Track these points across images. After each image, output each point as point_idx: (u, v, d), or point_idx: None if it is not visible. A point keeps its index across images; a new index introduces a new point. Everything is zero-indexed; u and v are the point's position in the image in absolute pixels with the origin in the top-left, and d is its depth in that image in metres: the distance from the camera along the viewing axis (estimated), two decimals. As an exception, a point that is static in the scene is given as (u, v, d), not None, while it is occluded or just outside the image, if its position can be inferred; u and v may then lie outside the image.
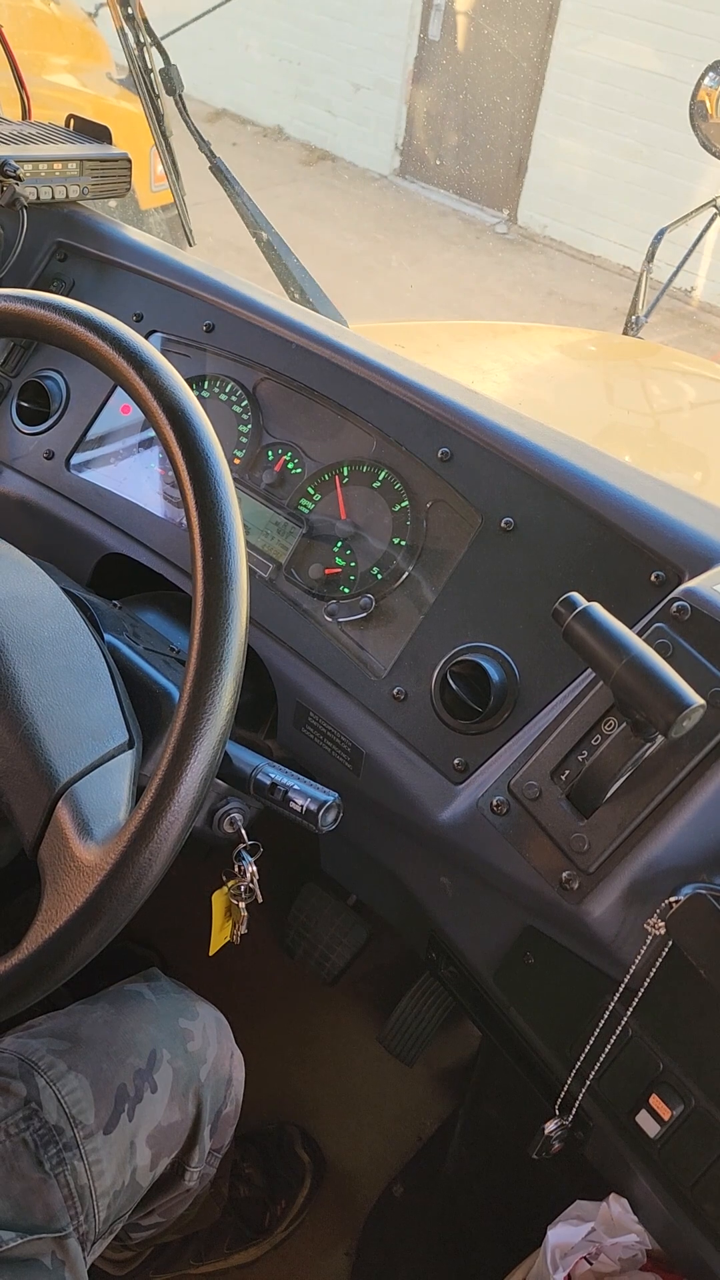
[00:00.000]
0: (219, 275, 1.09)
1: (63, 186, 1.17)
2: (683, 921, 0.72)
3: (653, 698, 0.66)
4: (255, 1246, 1.30)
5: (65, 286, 1.16)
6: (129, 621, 0.92)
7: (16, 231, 1.14)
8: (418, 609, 0.92)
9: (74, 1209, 0.81)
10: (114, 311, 0.77)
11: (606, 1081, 0.82)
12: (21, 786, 0.69)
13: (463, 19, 6.61)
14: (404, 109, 7.00)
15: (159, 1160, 0.92)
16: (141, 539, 1.05)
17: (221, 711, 0.65)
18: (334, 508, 0.98)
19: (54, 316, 0.74)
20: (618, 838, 0.75)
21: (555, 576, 0.86)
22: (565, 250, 6.53)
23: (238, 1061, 1.04)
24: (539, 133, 6.48)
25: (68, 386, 1.12)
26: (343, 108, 7.22)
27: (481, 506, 0.90)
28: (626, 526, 0.85)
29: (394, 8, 6.70)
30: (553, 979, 0.87)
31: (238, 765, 0.82)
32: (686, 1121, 0.77)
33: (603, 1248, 0.87)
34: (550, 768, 0.79)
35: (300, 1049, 1.52)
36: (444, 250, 6.30)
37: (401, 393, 0.96)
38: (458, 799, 0.85)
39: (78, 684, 0.75)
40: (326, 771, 0.95)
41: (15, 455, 1.13)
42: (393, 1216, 1.36)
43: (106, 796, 0.70)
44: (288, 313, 1.04)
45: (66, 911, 0.65)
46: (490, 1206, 1.29)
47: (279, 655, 0.96)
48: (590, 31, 6.00)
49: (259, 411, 1.04)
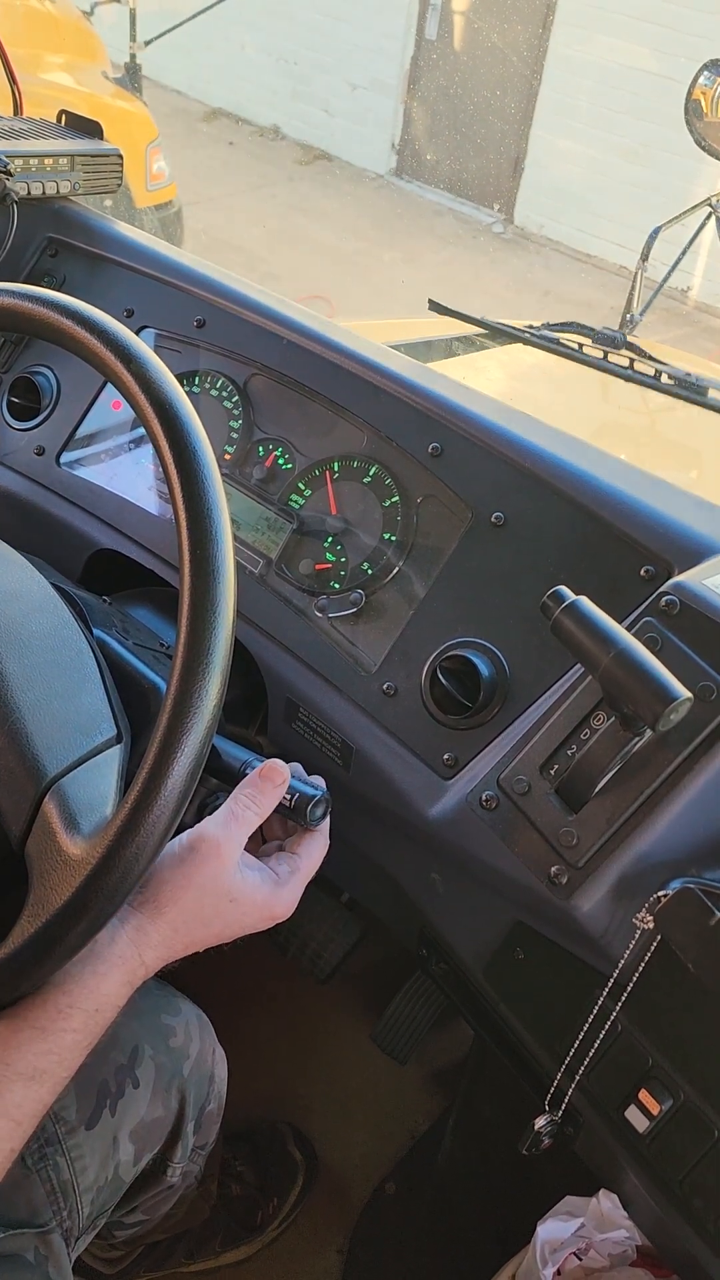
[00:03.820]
0: (210, 270, 1.09)
1: (54, 182, 1.17)
2: (671, 916, 0.72)
3: (640, 691, 0.66)
4: (247, 1245, 1.29)
5: (56, 281, 1.16)
6: (118, 617, 0.92)
7: (7, 227, 1.14)
8: (408, 604, 0.92)
9: (56, 1204, 0.81)
10: (105, 306, 0.77)
11: (596, 1077, 0.82)
12: (8, 781, 0.69)
13: (460, 19, 6.62)
14: (401, 108, 7.01)
15: (141, 1155, 0.91)
16: (132, 535, 1.05)
17: (208, 705, 0.64)
18: (325, 503, 0.98)
19: (42, 310, 0.74)
20: (606, 832, 0.75)
21: (545, 571, 0.86)
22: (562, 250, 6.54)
23: (220, 1058, 1.04)
24: (535, 132, 6.49)
25: (59, 382, 1.12)
26: (340, 107, 7.22)
27: (472, 502, 0.90)
28: (617, 521, 0.85)
29: (391, 7, 6.71)
30: (542, 974, 0.87)
31: (227, 760, 0.82)
32: (675, 1117, 0.77)
33: (593, 1243, 0.87)
34: (539, 762, 0.79)
35: (293, 1047, 1.52)
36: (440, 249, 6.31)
37: (392, 388, 0.96)
38: (447, 794, 0.85)
39: (66, 679, 0.75)
40: (317, 767, 0.95)
41: (5, 451, 1.13)
42: (385, 1214, 1.36)
43: (94, 791, 0.70)
44: (278, 308, 1.04)
45: (53, 906, 0.64)
46: (482, 1203, 1.29)
47: (269, 651, 0.96)
48: (587, 31, 6.01)
49: (250, 407, 1.04)
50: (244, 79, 7.49)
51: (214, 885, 0.70)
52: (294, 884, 0.76)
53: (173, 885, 0.69)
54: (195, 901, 0.70)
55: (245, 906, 0.72)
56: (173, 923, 0.69)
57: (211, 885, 0.70)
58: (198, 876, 0.70)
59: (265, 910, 0.73)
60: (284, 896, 0.74)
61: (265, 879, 0.74)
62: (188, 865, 0.70)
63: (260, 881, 0.73)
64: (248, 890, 0.72)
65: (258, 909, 0.73)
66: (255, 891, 0.72)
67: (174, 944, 0.70)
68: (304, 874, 0.77)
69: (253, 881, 0.73)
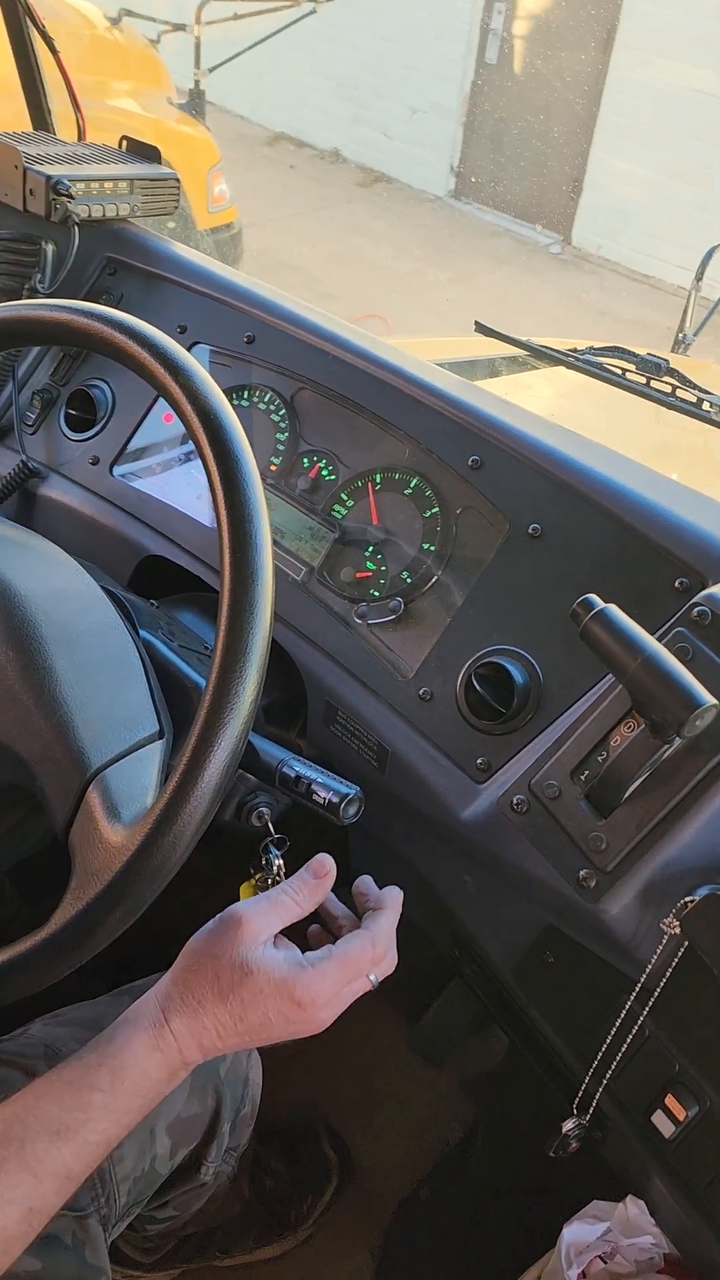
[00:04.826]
0: (260, 288, 1.13)
1: (113, 204, 1.22)
2: (697, 921, 0.73)
3: (667, 697, 0.68)
4: (280, 1242, 1.31)
5: (114, 299, 1.21)
6: (165, 620, 0.95)
7: (69, 247, 1.19)
8: (445, 612, 0.94)
9: (95, 1191, 0.84)
10: (159, 323, 0.80)
11: (623, 1081, 0.83)
12: (55, 772, 0.72)
13: (520, 43, 6.67)
14: (459, 131, 7.07)
15: (177, 1150, 0.94)
16: (180, 542, 1.08)
17: (246, 700, 0.67)
18: (366, 513, 1.01)
19: (96, 325, 0.77)
20: (635, 837, 0.76)
21: (581, 581, 0.88)
22: (619, 271, 6.53)
23: (255, 1063, 1.06)
24: (594, 154, 6.51)
25: (114, 395, 1.16)
26: (399, 131, 7.31)
27: (509, 513, 0.92)
28: (651, 533, 0.86)
29: (451, 32, 6.79)
30: (572, 978, 0.88)
31: (265, 758, 0.84)
32: (701, 1122, 0.78)
33: (619, 1248, 0.87)
34: (570, 768, 0.80)
35: (329, 1049, 1.53)
36: (496, 270, 6.34)
37: (434, 402, 0.98)
38: (480, 798, 0.87)
39: (112, 676, 0.78)
40: (353, 769, 0.97)
41: (62, 461, 1.17)
42: (417, 1217, 1.36)
43: (135, 783, 0.73)
44: (326, 325, 1.07)
45: (93, 889, 0.67)
46: (513, 1209, 1.29)
47: (310, 655, 0.99)
48: (647, 54, 6.03)
49: (296, 420, 1.07)
50: (305, 103, 7.61)
51: (231, 954, 0.69)
52: (323, 969, 0.70)
53: (195, 954, 0.71)
54: (213, 970, 0.69)
55: (260, 983, 0.69)
56: (195, 990, 0.69)
57: (229, 954, 0.69)
58: (218, 946, 0.70)
59: (285, 991, 0.69)
60: (306, 979, 0.69)
61: (289, 959, 0.70)
62: (212, 935, 0.71)
63: (282, 959, 0.70)
64: (265, 965, 0.69)
65: (274, 987, 0.69)
66: (274, 969, 0.69)
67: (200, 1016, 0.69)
68: (337, 961, 0.71)
69: (273, 957, 0.70)
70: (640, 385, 1.36)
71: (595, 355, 1.40)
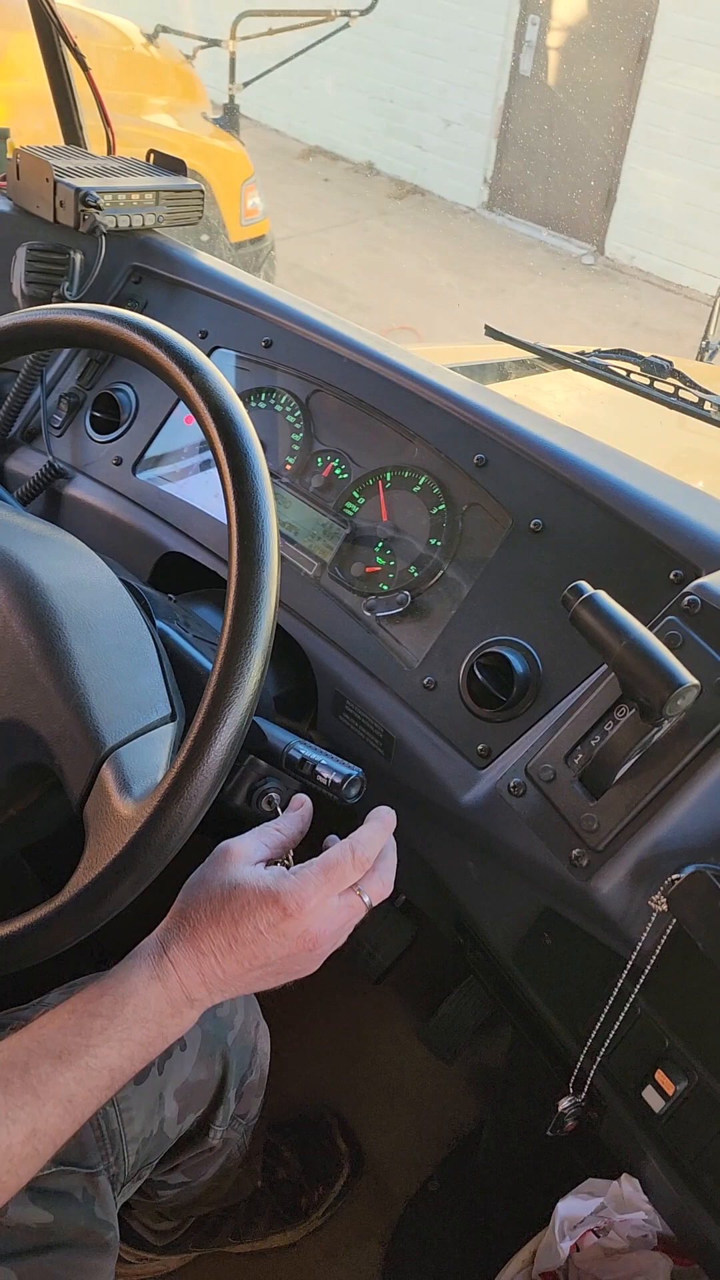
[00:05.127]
0: (278, 294, 1.17)
1: (139, 215, 1.27)
2: (683, 898, 0.75)
3: (649, 677, 0.71)
4: (291, 1229, 1.34)
5: (139, 305, 1.26)
6: (181, 612, 0.99)
7: (96, 256, 1.24)
8: (450, 605, 0.97)
9: (105, 1149, 0.87)
10: (182, 328, 0.84)
11: (616, 1058, 0.85)
12: (72, 750, 0.77)
13: (554, 54, 6.70)
14: (493, 143, 7.11)
15: (185, 1114, 0.97)
16: (198, 539, 1.13)
17: (250, 680, 0.71)
18: (376, 511, 1.04)
19: (117, 327, 0.82)
20: (625, 818, 0.79)
21: (580, 574, 0.90)
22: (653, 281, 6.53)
23: (263, 1032, 1.09)
24: (628, 164, 6.53)
25: (137, 399, 1.21)
26: (433, 143, 7.36)
27: (513, 509, 0.96)
28: (648, 527, 0.89)
29: (485, 44, 6.84)
30: (569, 958, 0.90)
31: (273, 742, 0.88)
32: (689, 1097, 0.80)
33: (613, 1224, 0.90)
34: (564, 751, 0.83)
35: (343, 1042, 1.56)
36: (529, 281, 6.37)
37: (442, 403, 1.02)
38: (480, 782, 0.90)
39: (128, 661, 0.82)
40: (361, 756, 1.00)
41: (87, 461, 1.22)
42: (426, 1210, 1.39)
43: (147, 761, 0.77)
44: (340, 329, 1.11)
45: (105, 859, 0.71)
46: (519, 1199, 1.31)
47: (320, 647, 1.03)
48: (681, 64, 6.04)
49: (311, 421, 1.11)
50: (339, 117, 7.69)
51: (221, 877, 0.75)
52: (305, 875, 0.74)
53: (189, 887, 0.76)
54: (205, 895, 0.74)
55: (248, 894, 0.73)
56: (189, 917, 0.74)
57: (219, 878, 0.75)
58: (208, 873, 0.76)
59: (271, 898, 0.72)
60: (290, 884, 0.73)
61: (274, 871, 0.75)
62: (204, 867, 0.77)
63: (267, 872, 0.75)
64: (251, 879, 0.74)
65: (260, 896, 0.72)
66: (259, 880, 0.73)
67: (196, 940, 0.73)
68: (318, 866, 0.75)
69: (258, 872, 0.74)
70: (643, 386, 1.38)
71: (601, 357, 1.43)
